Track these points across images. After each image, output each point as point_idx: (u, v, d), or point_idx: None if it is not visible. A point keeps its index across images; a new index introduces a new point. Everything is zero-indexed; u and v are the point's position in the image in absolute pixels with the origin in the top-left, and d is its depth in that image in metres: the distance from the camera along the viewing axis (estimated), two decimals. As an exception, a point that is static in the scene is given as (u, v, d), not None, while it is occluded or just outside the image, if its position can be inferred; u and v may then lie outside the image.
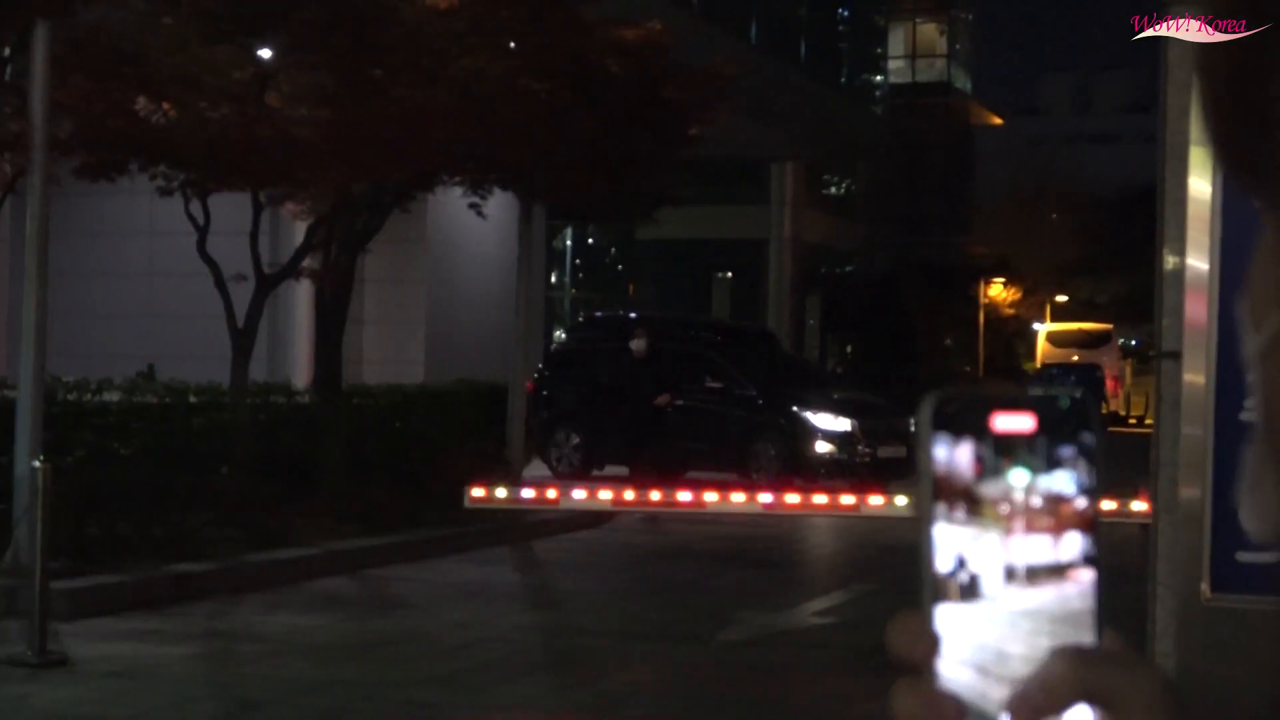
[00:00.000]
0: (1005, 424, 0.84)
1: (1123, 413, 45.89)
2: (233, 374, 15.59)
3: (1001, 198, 67.05)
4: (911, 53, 67.39)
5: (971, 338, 55.15)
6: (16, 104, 13.02)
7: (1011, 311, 60.69)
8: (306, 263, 16.64)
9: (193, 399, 15.80)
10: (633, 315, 26.31)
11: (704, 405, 22.25)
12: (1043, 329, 54.52)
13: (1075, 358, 47.09)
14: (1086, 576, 0.83)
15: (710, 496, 12.73)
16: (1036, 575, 0.83)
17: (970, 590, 0.82)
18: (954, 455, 0.83)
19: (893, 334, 46.55)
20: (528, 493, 14.18)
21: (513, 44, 16.75)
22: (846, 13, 53.51)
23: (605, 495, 13.87)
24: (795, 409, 22.38)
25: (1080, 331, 46.18)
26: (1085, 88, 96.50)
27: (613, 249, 49.12)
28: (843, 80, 53.22)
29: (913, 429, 0.85)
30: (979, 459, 0.83)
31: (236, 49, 14.98)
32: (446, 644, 11.33)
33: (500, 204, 20.49)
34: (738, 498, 13.30)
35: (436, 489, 17.13)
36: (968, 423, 0.84)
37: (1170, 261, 4.18)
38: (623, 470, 20.29)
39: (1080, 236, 64.33)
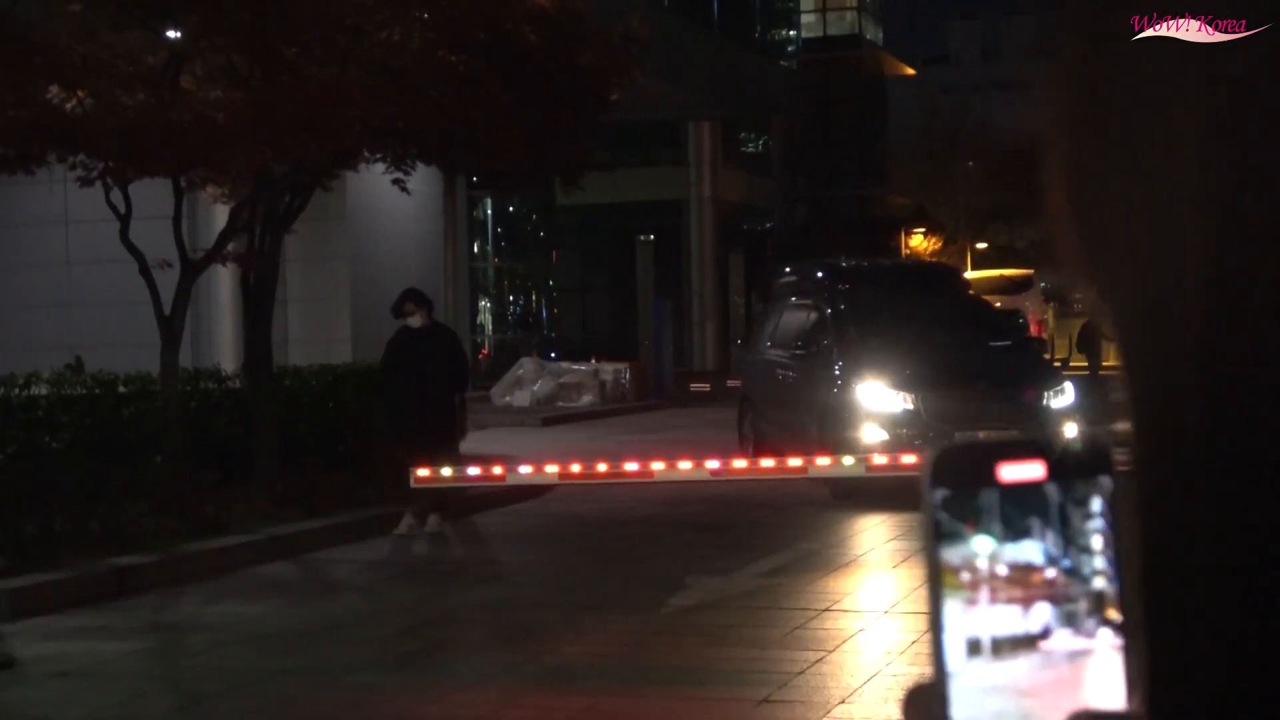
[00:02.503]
0: (1013, 474, 0.79)
1: (1047, 356, 46.24)
2: (162, 361, 15.41)
3: (915, 148, 67.35)
4: (822, 6, 67.47)
5: (894, 289, 55.41)
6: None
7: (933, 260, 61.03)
8: (231, 246, 16.47)
9: (122, 389, 15.63)
10: (843, 263, 21.81)
11: (990, 360, 17.98)
12: (965, 276, 54.87)
13: (998, 304, 47.36)
14: (1106, 639, 0.78)
15: (657, 465, 12.73)
16: (1002, 647, 0.78)
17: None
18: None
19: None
20: (473, 470, 14.14)
21: (426, 15, 16.59)
22: (755, -31, 53.46)
23: (551, 469, 13.85)
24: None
25: (1002, 277, 46.44)
26: (993, 34, 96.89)
27: (533, 217, 48.98)
28: (755, 36, 53.17)
29: None
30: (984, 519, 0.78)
31: (147, 33, 14.77)
32: (394, 625, 11.27)
33: (421, 178, 20.34)
34: (685, 465, 13.30)
35: (372, 468, 17.04)
36: (972, 474, 0.79)
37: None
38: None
39: (995, 183, 64.73)
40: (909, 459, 13.90)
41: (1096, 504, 0.79)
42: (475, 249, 41.05)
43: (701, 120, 45.67)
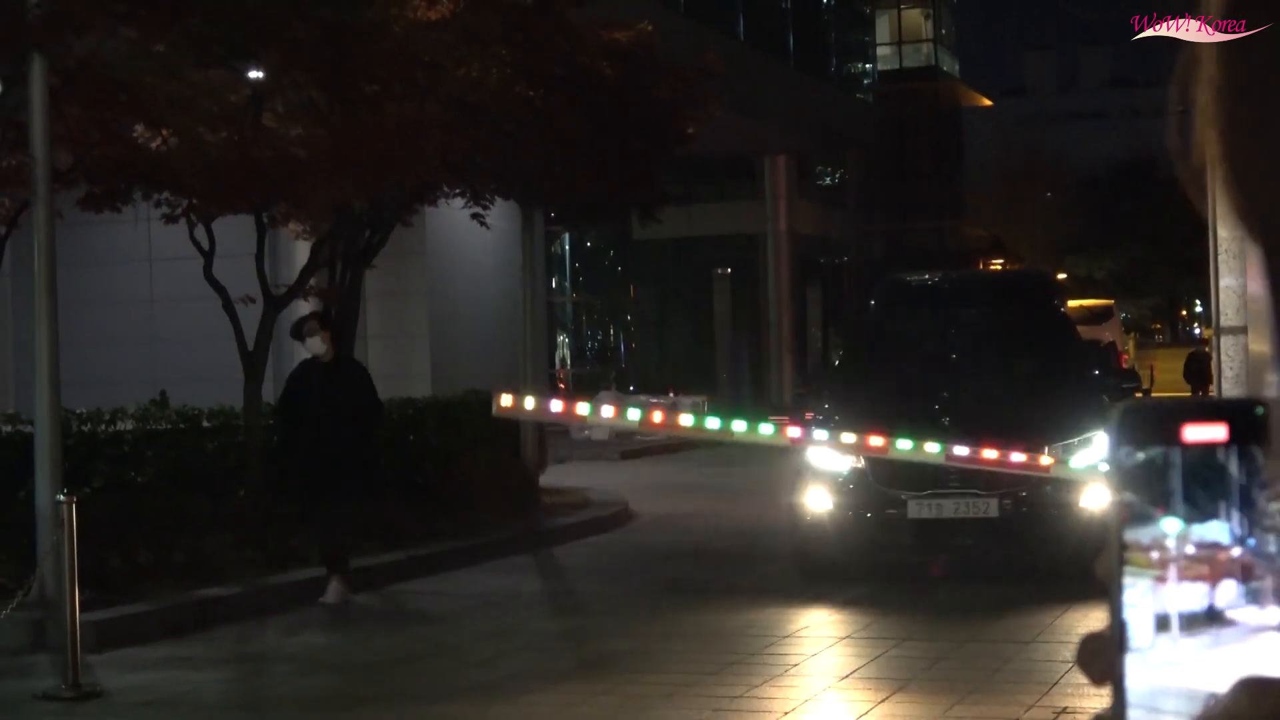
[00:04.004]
0: (1197, 434, 0.80)
1: (1140, 391, 46.06)
2: (245, 396, 15.58)
3: (992, 179, 67.12)
4: (898, 39, 67.43)
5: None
6: (13, 138, 13.02)
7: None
8: (313, 281, 16.65)
9: (206, 423, 15.79)
10: (906, 279, 18.66)
11: (1001, 400, 14.54)
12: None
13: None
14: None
15: (738, 426, 12.00)
16: (1191, 623, 0.80)
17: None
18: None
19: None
20: (556, 405, 13.69)
21: (504, 51, 16.74)
22: (831, 2, 53.52)
23: (634, 415, 13.27)
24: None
25: (1081, 308, 46.19)
26: (1069, 65, 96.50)
27: (611, 251, 49.12)
28: (831, 70, 53.22)
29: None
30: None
31: (230, 71, 14.97)
32: (474, 656, 11.33)
33: (499, 213, 20.49)
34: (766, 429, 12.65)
35: (452, 501, 17.14)
36: (1156, 435, 0.80)
37: (1224, 236, 4.16)
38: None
39: (1072, 214, 64.40)
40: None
41: None
42: (553, 283, 41.25)
43: (777, 154, 45.74)
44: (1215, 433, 0.80)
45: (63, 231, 13.07)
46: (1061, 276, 62.95)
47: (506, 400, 12.65)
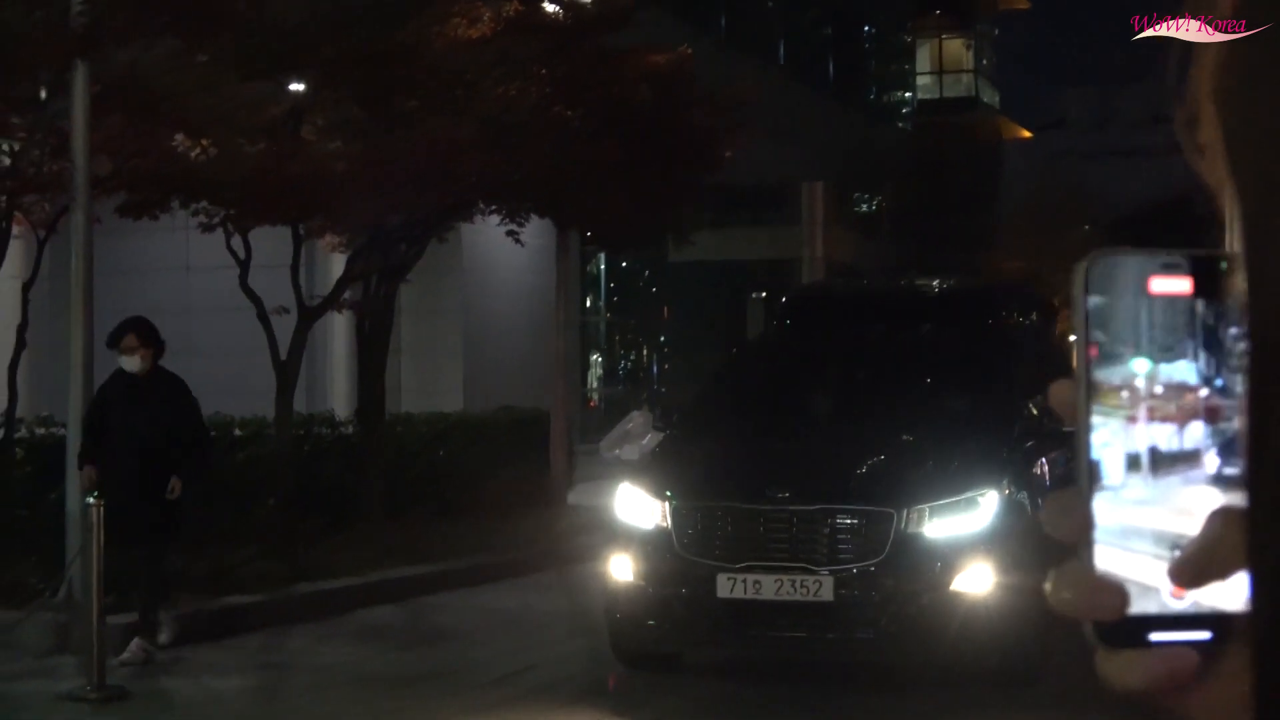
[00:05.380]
0: (1163, 287, 0.81)
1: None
2: (277, 406, 15.67)
3: (1027, 213, 66.99)
4: (938, 68, 67.47)
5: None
6: (55, 144, 13.15)
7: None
8: (347, 294, 16.74)
9: (237, 432, 15.89)
10: (856, 287, 16.79)
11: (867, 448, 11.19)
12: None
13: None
14: None
15: None
16: (1159, 464, 0.80)
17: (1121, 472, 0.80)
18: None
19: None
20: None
21: (544, 70, 16.82)
22: (872, 30, 53.57)
23: None
24: None
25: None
26: (1109, 102, 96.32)
27: (646, 272, 49.22)
28: (870, 98, 53.25)
29: None
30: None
31: (270, 85, 15.09)
32: (497, 671, 11.37)
33: (534, 231, 20.57)
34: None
35: (479, 517, 17.20)
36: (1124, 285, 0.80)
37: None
38: None
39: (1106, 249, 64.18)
40: None
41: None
42: (588, 302, 41.31)
43: (814, 180, 45.79)
44: (1181, 285, 0.82)
45: (100, 238, 13.19)
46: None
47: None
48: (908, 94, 61.52)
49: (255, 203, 14.54)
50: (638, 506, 10.53)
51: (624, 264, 47.01)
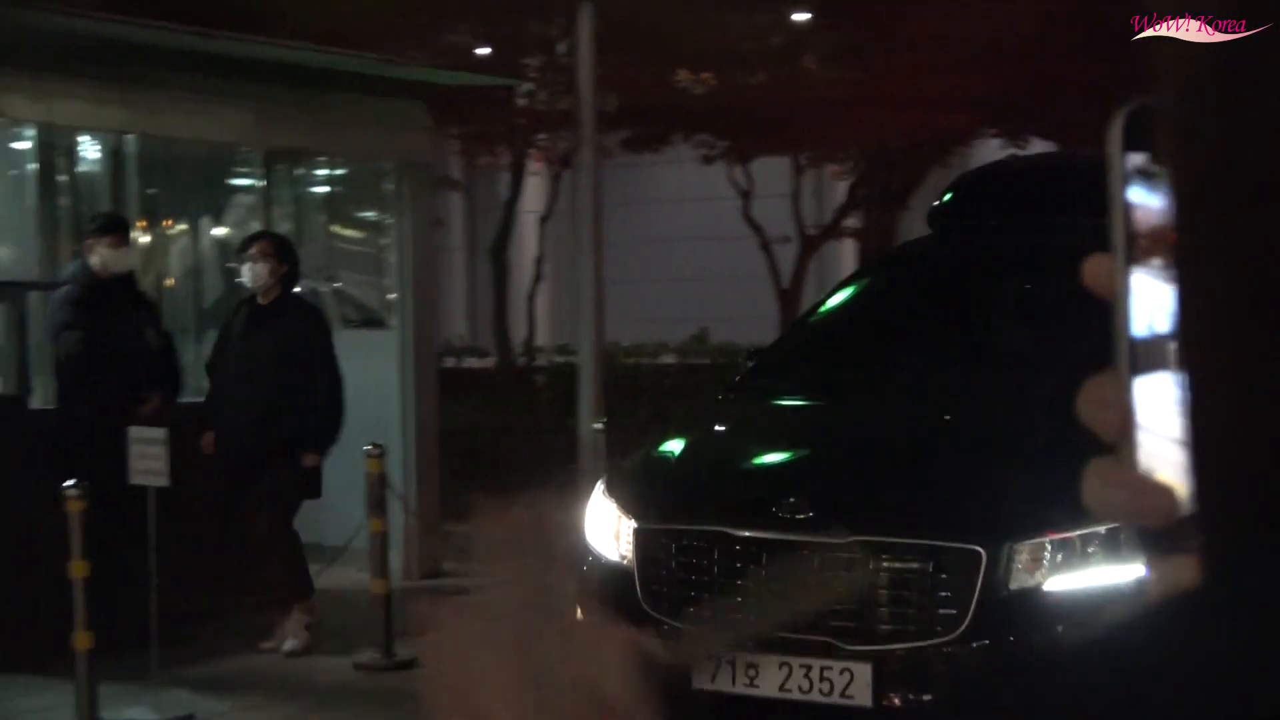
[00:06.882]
0: None
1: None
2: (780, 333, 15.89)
3: None
4: None
5: None
6: (564, 84, 13.60)
7: None
8: (848, 221, 16.81)
9: (744, 361, 16.19)
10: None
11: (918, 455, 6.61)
12: None
13: None
14: None
15: None
16: None
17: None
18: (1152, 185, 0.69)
19: None
20: None
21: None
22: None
23: None
24: None
25: None
26: None
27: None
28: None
29: None
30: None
31: (771, 15, 15.22)
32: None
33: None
34: None
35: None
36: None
37: None
38: None
39: None
40: None
41: None
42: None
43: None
44: None
45: (616, 173, 13.60)
46: None
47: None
48: None
49: (755, 133, 14.73)
50: (602, 526, 6.60)
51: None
